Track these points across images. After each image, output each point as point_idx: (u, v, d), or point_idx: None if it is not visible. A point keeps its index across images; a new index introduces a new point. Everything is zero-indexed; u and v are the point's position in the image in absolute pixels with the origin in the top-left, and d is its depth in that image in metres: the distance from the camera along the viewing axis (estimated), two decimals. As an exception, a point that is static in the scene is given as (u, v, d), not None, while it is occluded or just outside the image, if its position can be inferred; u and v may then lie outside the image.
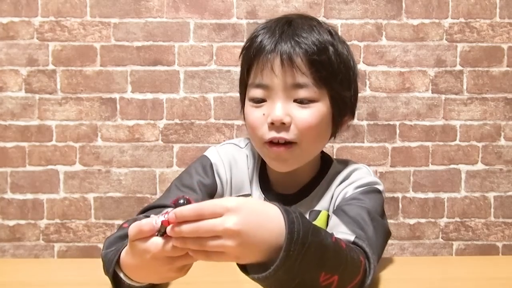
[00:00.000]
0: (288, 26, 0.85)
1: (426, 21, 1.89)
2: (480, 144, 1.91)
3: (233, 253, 0.54)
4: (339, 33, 0.90)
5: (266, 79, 0.82)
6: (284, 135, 0.82)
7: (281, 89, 0.82)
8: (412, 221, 1.92)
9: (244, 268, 0.59)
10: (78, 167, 1.88)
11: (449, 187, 1.91)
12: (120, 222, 1.88)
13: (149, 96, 1.88)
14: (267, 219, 0.56)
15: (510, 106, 1.91)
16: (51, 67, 1.87)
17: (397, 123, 1.90)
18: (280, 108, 0.81)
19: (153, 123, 1.88)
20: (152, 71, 1.88)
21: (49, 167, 1.88)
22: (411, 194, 1.91)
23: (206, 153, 0.95)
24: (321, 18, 1.87)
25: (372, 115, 1.90)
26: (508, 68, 1.90)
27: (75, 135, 1.88)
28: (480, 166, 1.91)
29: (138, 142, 1.89)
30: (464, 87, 1.90)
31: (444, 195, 1.91)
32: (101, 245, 1.88)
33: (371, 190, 0.86)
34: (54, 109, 1.87)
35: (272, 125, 0.82)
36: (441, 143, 1.91)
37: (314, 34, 0.84)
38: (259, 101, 0.84)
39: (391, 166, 1.90)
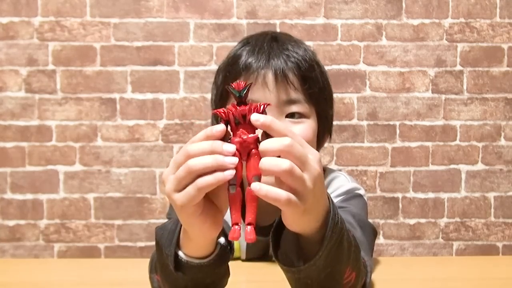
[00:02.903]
0: (275, 41, 0.84)
1: (426, 21, 1.89)
2: (480, 144, 1.91)
3: (308, 194, 0.49)
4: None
5: (257, 95, 0.80)
6: None
7: (274, 105, 0.79)
8: (412, 221, 1.91)
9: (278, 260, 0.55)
10: (78, 167, 1.88)
11: (449, 187, 1.91)
12: (120, 222, 1.88)
13: (149, 96, 1.88)
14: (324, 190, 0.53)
15: (510, 106, 1.91)
16: (51, 67, 1.87)
17: (397, 123, 1.90)
18: None
19: (153, 123, 1.88)
20: (152, 71, 1.88)
21: (49, 167, 1.88)
22: (411, 194, 1.91)
23: None
24: (321, 18, 1.89)
25: (372, 115, 1.89)
26: (508, 68, 1.90)
27: (75, 135, 1.88)
28: (480, 166, 1.91)
29: (138, 142, 1.88)
30: (464, 87, 1.90)
31: (444, 195, 1.91)
32: (101, 245, 1.89)
33: (352, 196, 0.86)
34: (54, 109, 1.87)
35: None
36: (441, 143, 1.90)
37: (301, 50, 0.84)
38: None
39: (391, 166, 1.90)
